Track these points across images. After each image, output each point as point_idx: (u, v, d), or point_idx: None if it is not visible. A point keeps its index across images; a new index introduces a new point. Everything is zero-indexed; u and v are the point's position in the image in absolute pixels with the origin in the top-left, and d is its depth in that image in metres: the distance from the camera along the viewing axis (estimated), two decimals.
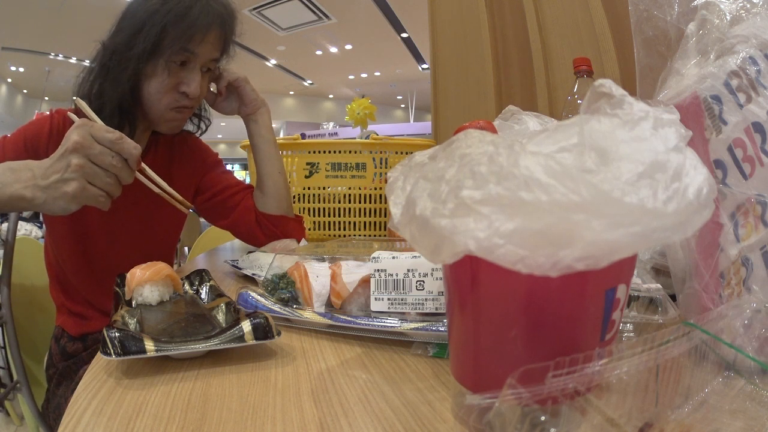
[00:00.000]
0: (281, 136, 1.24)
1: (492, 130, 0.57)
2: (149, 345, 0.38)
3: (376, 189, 1.16)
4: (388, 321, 0.44)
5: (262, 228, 0.97)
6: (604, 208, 0.21)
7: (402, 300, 0.45)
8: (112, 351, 0.38)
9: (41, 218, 2.94)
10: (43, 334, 1.11)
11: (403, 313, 0.45)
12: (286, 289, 0.53)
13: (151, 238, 0.97)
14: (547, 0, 1.30)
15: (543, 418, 0.23)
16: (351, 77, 11.05)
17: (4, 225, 1.55)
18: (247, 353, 0.43)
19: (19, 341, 1.02)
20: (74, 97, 0.78)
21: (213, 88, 0.93)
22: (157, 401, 0.34)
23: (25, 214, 2.94)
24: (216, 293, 0.57)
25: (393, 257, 0.45)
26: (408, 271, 0.45)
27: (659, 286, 0.46)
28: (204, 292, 0.60)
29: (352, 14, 7.41)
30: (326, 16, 7.54)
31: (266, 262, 0.74)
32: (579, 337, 0.26)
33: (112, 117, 0.80)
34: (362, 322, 0.46)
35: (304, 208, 1.17)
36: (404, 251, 0.46)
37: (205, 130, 1.03)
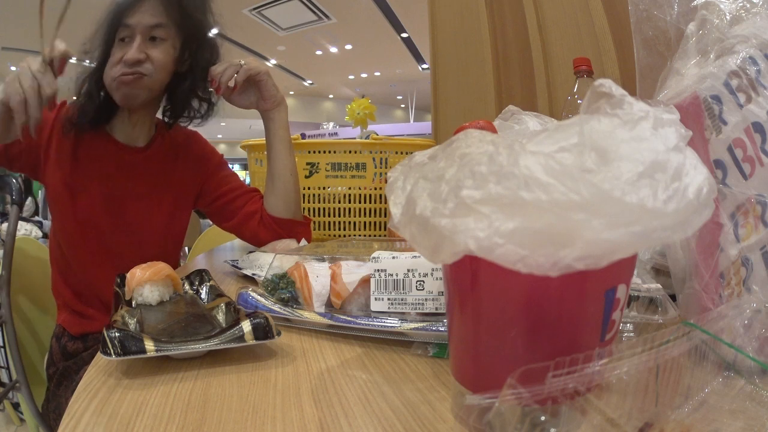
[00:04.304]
0: None
1: (492, 130, 0.57)
2: (149, 345, 0.38)
3: (376, 189, 1.16)
4: (388, 321, 0.44)
5: (267, 229, 0.97)
6: (604, 207, 0.21)
7: (402, 300, 0.45)
8: (112, 351, 0.38)
9: (41, 217, 2.94)
10: (43, 334, 1.11)
11: (403, 313, 0.45)
12: (286, 289, 0.53)
13: (153, 230, 0.98)
14: (547, 0, 1.29)
15: (543, 418, 0.23)
16: (351, 77, 11.05)
17: (4, 225, 1.55)
18: (247, 353, 0.43)
19: (18, 341, 1.02)
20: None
21: (231, 81, 0.91)
22: (157, 401, 0.34)
23: (25, 213, 2.93)
24: (216, 293, 0.57)
25: (393, 257, 0.45)
26: (408, 271, 0.45)
27: (659, 286, 0.46)
28: (204, 292, 0.60)
29: (352, 14, 7.41)
30: (326, 16, 7.54)
31: (266, 262, 0.74)
32: (579, 337, 0.26)
33: (107, 102, 0.90)
34: (362, 322, 0.46)
35: (304, 208, 1.17)
36: (404, 251, 0.46)
37: (208, 111, 1.00)
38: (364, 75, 10.86)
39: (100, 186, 0.92)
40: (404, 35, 8.25)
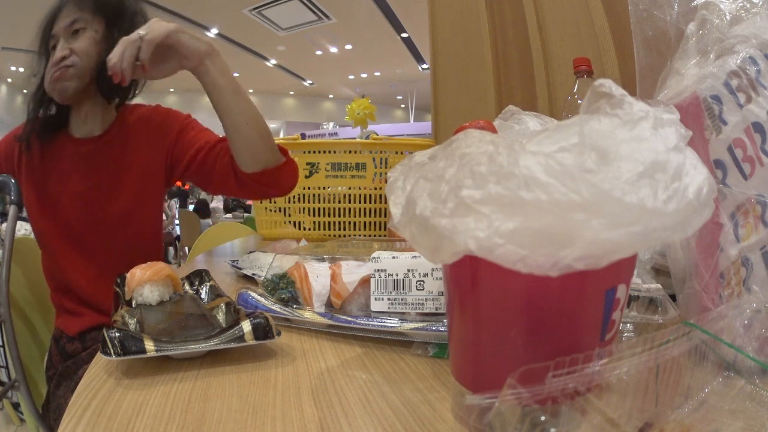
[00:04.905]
0: (281, 136, 1.24)
1: (492, 130, 0.57)
2: (149, 345, 0.38)
3: (376, 189, 1.16)
4: (388, 321, 0.44)
5: (248, 188, 0.91)
6: (604, 207, 0.21)
7: (402, 300, 0.45)
8: (112, 351, 0.38)
9: None
10: (43, 334, 1.12)
11: (403, 313, 0.45)
12: (286, 289, 0.53)
13: (120, 217, 0.97)
14: (547, 0, 1.30)
15: (543, 418, 0.23)
16: (351, 77, 11.05)
17: (4, 225, 1.55)
18: (247, 353, 0.43)
19: (18, 341, 1.02)
20: None
21: (138, 60, 0.77)
22: (157, 401, 0.34)
23: (25, 213, 2.93)
24: (216, 293, 0.57)
25: (393, 257, 0.45)
26: (408, 271, 0.45)
27: (659, 286, 0.46)
28: (204, 292, 0.60)
29: (352, 14, 7.42)
30: (326, 16, 7.55)
31: (266, 262, 0.74)
32: (579, 337, 0.26)
33: (59, 109, 0.96)
34: (362, 322, 0.46)
35: (304, 208, 1.17)
36: (404, 251, 0.46)
37: (131, 87, 0.98)
38: (364, 75, 10.87)
39: (64, 184, 0.95)
40: (404, 35, 8.25)
